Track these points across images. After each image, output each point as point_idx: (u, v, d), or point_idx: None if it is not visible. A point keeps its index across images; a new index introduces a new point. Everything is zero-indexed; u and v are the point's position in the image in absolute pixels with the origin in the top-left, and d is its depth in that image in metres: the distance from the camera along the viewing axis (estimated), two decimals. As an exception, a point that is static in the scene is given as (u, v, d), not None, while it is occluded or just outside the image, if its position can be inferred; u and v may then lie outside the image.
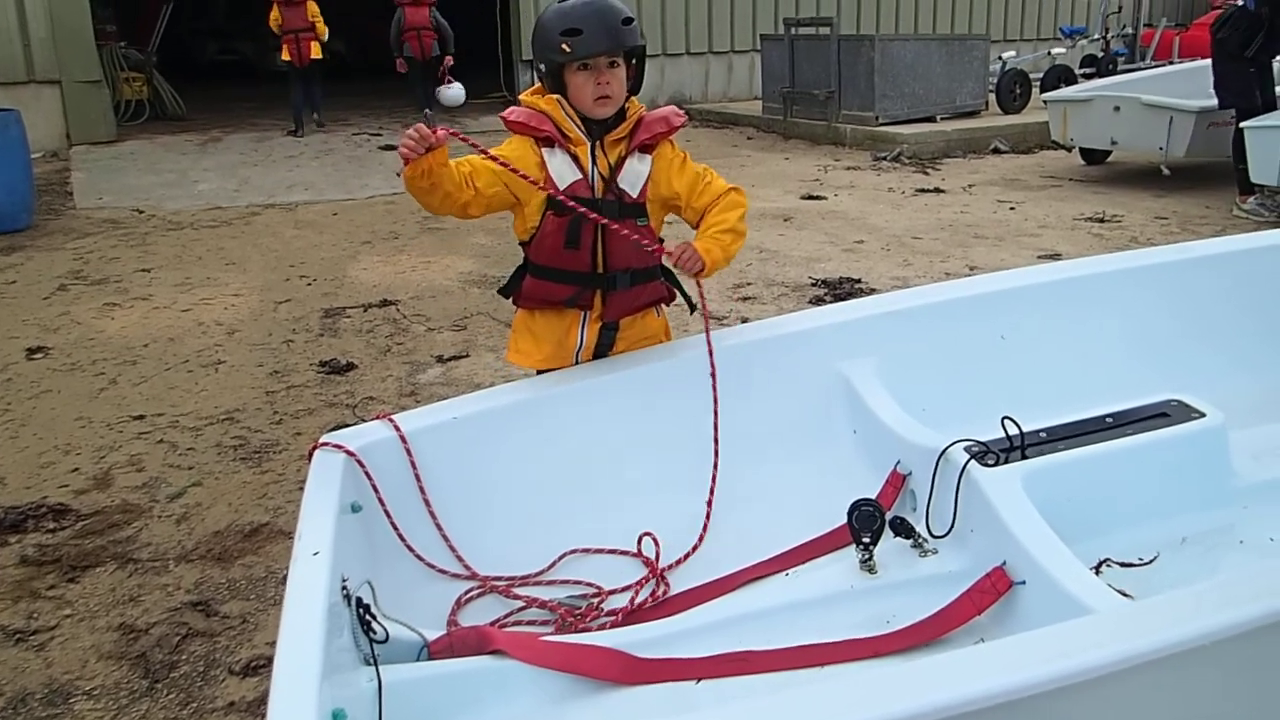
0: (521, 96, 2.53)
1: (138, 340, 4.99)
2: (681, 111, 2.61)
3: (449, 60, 11.98)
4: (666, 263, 2.52)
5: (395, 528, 2.29)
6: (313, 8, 11.64)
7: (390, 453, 2.34)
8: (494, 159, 2.42)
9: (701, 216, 2.56)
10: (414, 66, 12.07)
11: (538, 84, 2.53)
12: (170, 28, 13.84)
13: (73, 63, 10.92)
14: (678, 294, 2.72)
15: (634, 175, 2.49)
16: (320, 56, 11.85)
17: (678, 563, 2.37)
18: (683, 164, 2.57)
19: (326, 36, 11.87)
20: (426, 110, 11.81)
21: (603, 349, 2.64)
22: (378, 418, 2.44)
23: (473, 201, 2.43)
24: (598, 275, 2.52)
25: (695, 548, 2.42)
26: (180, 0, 14.97)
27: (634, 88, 2.51)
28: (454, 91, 11.94)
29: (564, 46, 2.36)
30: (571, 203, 2.40)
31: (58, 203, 8.49)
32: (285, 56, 11.75)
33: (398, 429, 2.36)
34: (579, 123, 2.45)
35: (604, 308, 2.58)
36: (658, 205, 2.56)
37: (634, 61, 2.48)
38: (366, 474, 2.25)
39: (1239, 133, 7.21)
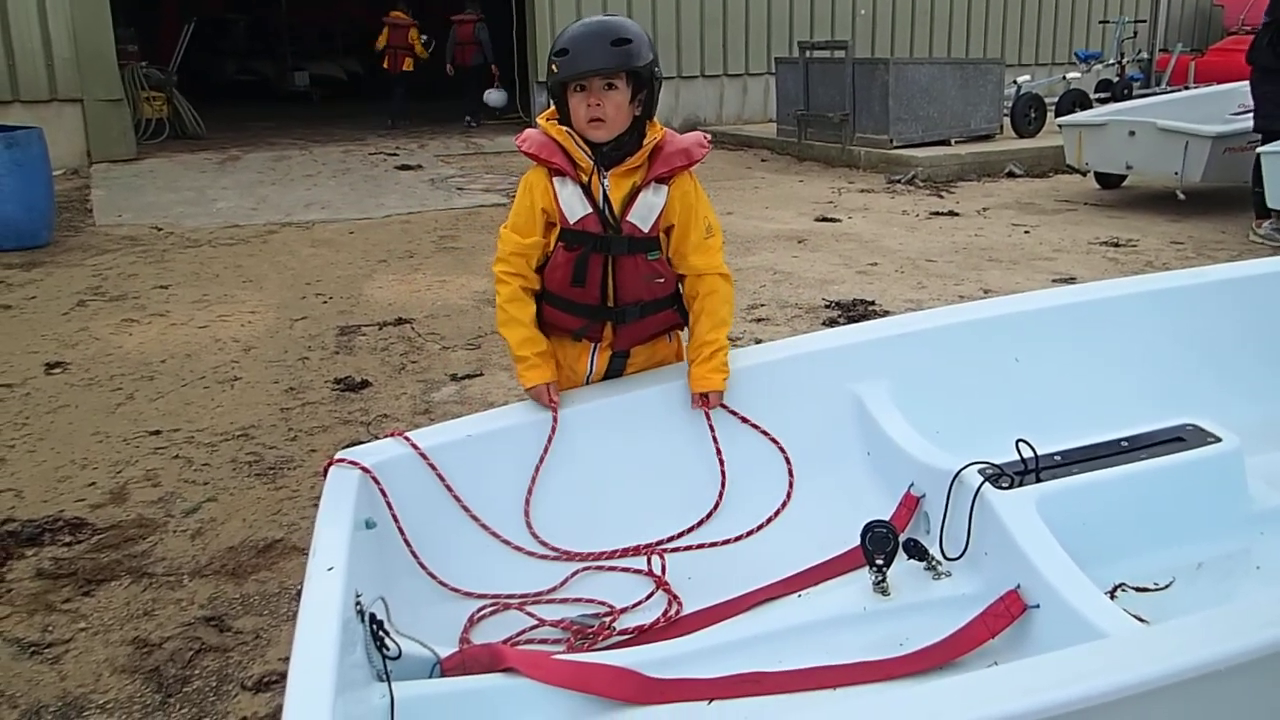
0: (539, 119, 2.53)
1: (155, 356, 5.02)
2: (706, 140, 2.52)
3: (495, 69, 14.56)
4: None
5: (408, 544, 2.30)
6: (413, 33, 14.49)
7: (404, 470, 2.35)
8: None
9: (691, 278, 2.56)
10: (459, 73, 14.72)
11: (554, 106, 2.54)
12: (190, 48, 13.99)
13: (95, 82, 11.04)
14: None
15: (647, 209, 2.44)
16: (410, 69, 14.60)
17: (689, 582, 2.37)
18: (695, 203, 2.51)
19: (426, 54, 14.68)
20: (468, 118, 14.77)
21: (613, 374, 2.65)
22: (392, 435, 2.45)
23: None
24: (607, 308, 2.52)
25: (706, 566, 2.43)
26: (201, 21, 15.14)
27: (646, 112, 2.46)
28: (497, 95, 14.71)
29: (553, 67, 2.37)
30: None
31: (78, 219, 8.56)
32: (385, 65, 14.71)
33: (415, 445, 2.38)
34: (589, 151, 2.42)
35: (614, 338, 2.59)
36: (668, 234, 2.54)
37: (641, 84, 2.41)
38: (381, 491, 2.26)
39: (1259, 157, 7.20)
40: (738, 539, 2.53)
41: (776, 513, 2.58)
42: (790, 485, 2.62)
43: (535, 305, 2.56)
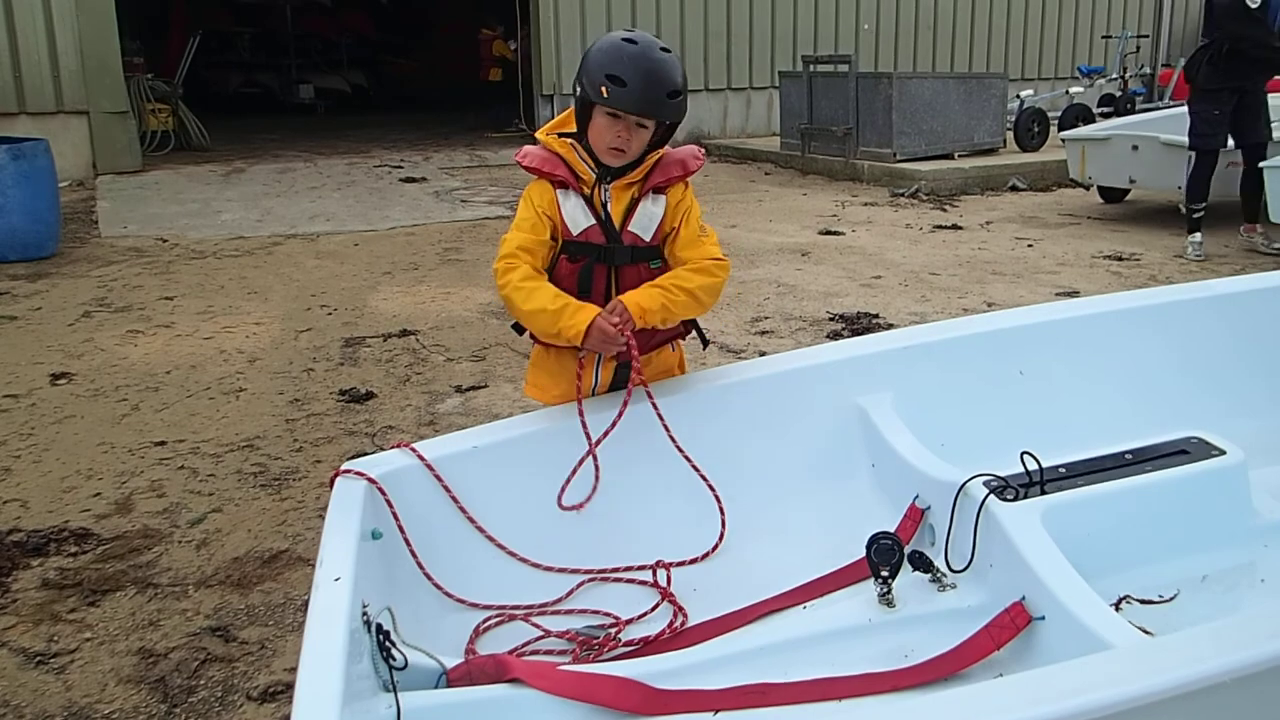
0: (538, 134, 2.55)
1: (160, 367, 5.04)
2: (701, 153, 2.56)
3: None
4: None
5: (414, 556, 2.30)
6: (498, 45, 16.72)
7: (410, 481, 2.36)
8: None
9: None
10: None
11: (556, 118, 2.55)
12: (195, 60, 14.04)
13: (100, 94, 11.09)
14: (693, 329, 2.73)
15: (648, 218, 2.48)
16: (499, 78, 16.72)
17: (694, 593, 2.38)
18: (689, 209, 2.54)
19: (512, 54, 16.26)
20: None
21: (619, 385, 2.65)
22: (398, 446, 2.46)
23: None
24: None
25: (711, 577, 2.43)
26: (206, 33, 15.21)
27: (660, 143, 2.50)
28: None
29: (603, 90, 2.34)
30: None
31: (83, 231, 8.59)
32: (481, 76, 17.44)
33: (420, 457, 2.38)
34: (592, 164, 2.45)
35: None
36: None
37: (666, 124, 2.46)
38: (387, 501, 2.26)
39: (1195, 171, 7.34)
40: (743, 551, 2.53)
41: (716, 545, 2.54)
42: (722, 527, 2.56)
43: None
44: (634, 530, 2.51)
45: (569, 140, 2.47)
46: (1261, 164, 7.16)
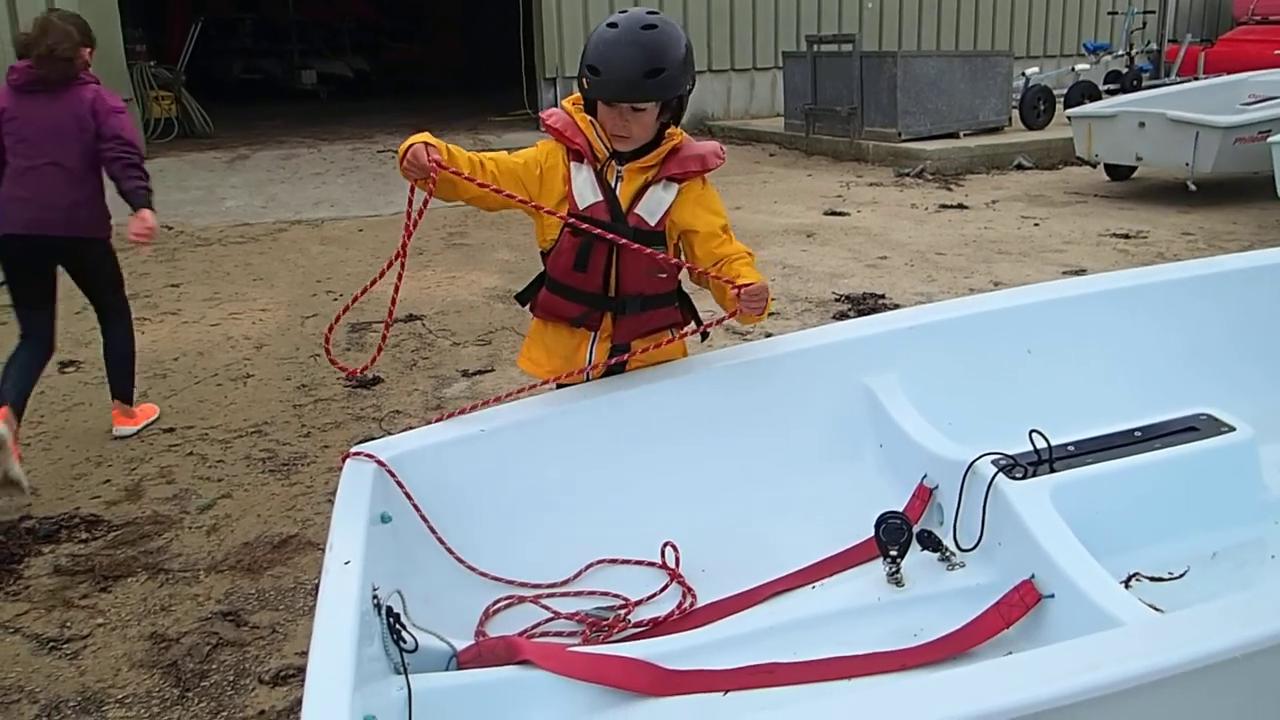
0: (564, 103, 2.53)
1: (168, 354, 5.05)
2: (723, 151, 2.54)
3: None
4: (731, 293, 2.40)
5: (434, 531, 2.30)
6: None
7: (420, 464, 2.36)
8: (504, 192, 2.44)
9: (717, 264, 2.50)
10: None
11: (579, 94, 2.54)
12: (197, 47, 14.00)
13: (104, 81, 11.03)
14: (691, 319, 2.71)
15: (655, 203, 2.47)
16: None
17: (703, 574, 2.38)
18: (709, 204, 2.52)
19: None
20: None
21: (614, 369, 2.64)
22: (406, 430, 2.46)
23: (492, 199, 2.46)
24: (608, 298, 2.52)
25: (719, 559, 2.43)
26: (207, 20, 15.16)
27: (673, 119, 2.47)
28: None
29: (584, 81, 2.37)
30: (585, 225, 2.39)
31: (88, 219, 8.58)
32: None
33: (428, 441, 2.38)
34: (608, 142, 2.45)
35: (613, 329, 2.59)
36: (674, 234, 2.54)
37: (671, 100, 2.42)
38: (398, 483, 2.27)
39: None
40: (751, 532, 2.53)
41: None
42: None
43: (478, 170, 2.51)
44: (642, 511, 2.51)
45: (590, 117, 2.46)
46: (1271, 139, 7.09)
